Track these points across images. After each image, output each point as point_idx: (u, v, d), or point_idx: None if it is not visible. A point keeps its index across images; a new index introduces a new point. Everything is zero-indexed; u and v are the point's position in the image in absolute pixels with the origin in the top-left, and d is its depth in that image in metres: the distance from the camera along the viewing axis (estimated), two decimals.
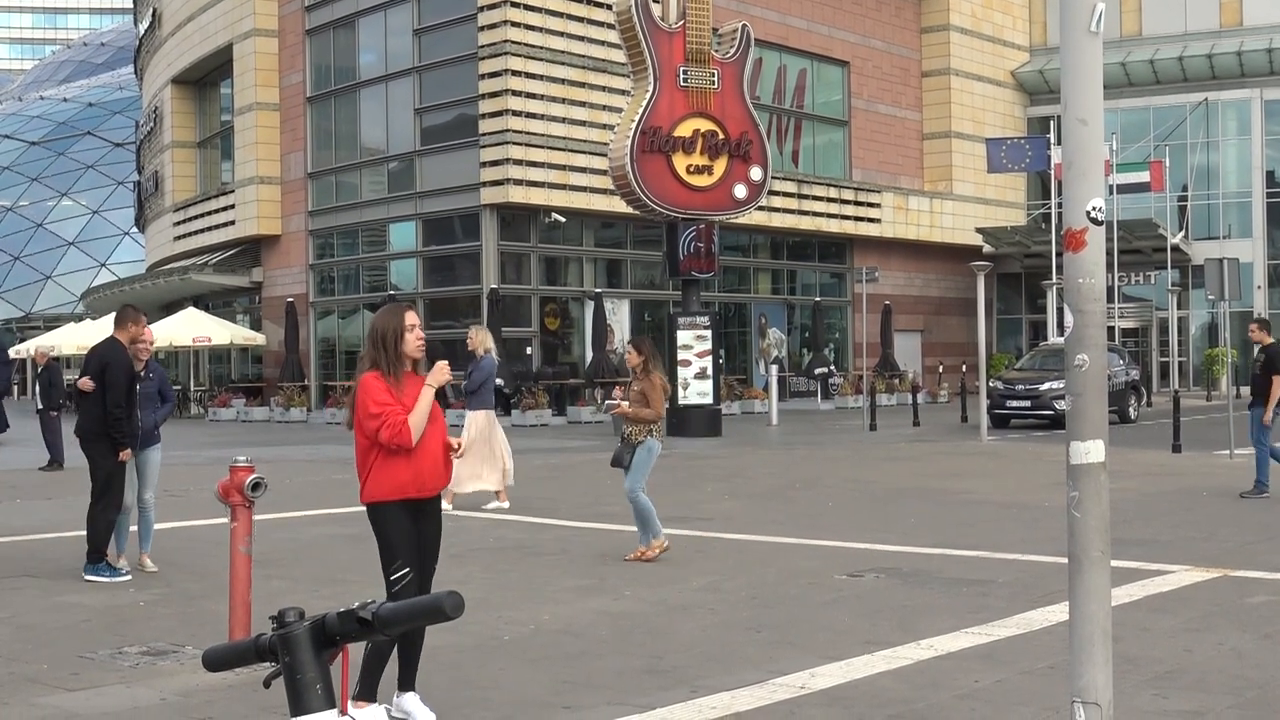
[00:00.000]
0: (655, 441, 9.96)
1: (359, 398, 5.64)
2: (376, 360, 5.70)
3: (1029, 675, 6.20)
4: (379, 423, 5.56)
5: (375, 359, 5.70)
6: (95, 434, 9.36)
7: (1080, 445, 3.77)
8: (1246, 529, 11.21)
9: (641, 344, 10.20)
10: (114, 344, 9.52)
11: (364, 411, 5.60)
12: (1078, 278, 3.75)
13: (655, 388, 9.85)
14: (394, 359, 5.70)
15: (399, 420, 5.57)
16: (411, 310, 5.91)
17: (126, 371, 9.36)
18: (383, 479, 5.66)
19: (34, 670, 6.57)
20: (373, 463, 5.67)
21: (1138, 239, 38.63)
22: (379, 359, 5.70)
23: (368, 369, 5.73)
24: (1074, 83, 3.74)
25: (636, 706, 5.74)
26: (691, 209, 24.93)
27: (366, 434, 5.62)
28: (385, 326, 5.73)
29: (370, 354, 5.74)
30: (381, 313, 5.90)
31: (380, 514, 5.70)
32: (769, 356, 35.95)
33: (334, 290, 35.42)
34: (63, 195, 66.03)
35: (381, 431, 5.56)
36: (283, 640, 2.15)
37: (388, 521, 5.67)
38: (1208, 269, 19.98)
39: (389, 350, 5.70)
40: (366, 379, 5.67)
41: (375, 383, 5.64)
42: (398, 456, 5.63)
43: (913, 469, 17.44)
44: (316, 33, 35.07)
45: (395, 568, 5.65)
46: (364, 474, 5.72)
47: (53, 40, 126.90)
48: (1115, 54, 43.08)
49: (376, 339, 5.72)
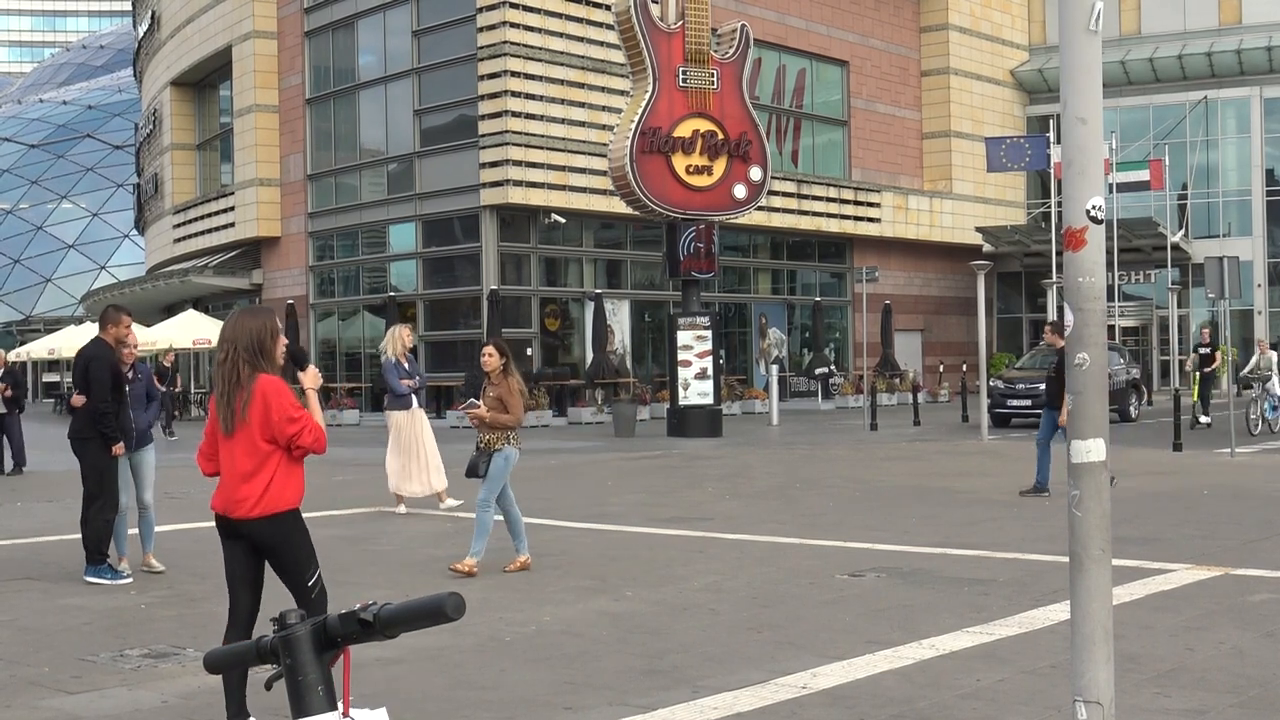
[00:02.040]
0: (513, 449, 9.47)
1: (274, 400, 5.31)
2: (257, 366, 5.38)
3: (1030, 674, 6.20)
4: (299, 426, 5.32)
5: (256, 364, 5.38)
6: (86, 434, 9.33)
7: (1081, 444, 3.77)
8: (1248, 527, 11.21)
9: (499, 345, 9.68)
10: (98, 342, 9.50)
11: (282, 415, 5.30)
12: (1078, 276, 3.75)
13: (513, 392, 9.39)
14: (274, 363, 5.45)
15: (317, 425, 5.39)
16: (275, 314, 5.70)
17: (111, 368, 9.29)
18: (292, 485, 5.43)
19: (35, 673, 6.57)
20: (275, 469, 5.38)
21: (1138, 238, 38.64)
22: (259, 364, 5.39)
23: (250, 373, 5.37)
24: (1073, 81, 3.74)
25: (638, 707, 5.74)
26: (691, 209, 24.93)
27: (280, 438, 5.33)
28: (260, 330, 5.42)
29: (249, 360, 5.37)
30: (246, 317, 5.53)
31: (294, 520, 5.46)
32: (769, 356, 35.95)
33: (334, 292, 35.42)
34: (62, 198, 66.05)
35: (303, 435, 5.32)
36: (284, 642, 2.15)
37: (291, 528, 5.44)
38: (1208, 267, 19.98)
39: (268, 355, 5.42)
40: (276, 382, 5.37)
41: (284, 386, 5.38)
42: (297, 463, 5.43)
43: (913, 468, 17.43)
44: (315, 34, 35.08)
45: (314, 573, 5.51)
46: (263, 482, 5.35)
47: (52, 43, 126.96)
48: (1114, 52, 43.08)
49: (253, 344, 5.38)
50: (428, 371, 31.63)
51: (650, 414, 29.57)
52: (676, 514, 12.76)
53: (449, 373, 30.70)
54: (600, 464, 18.94)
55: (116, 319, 9.55)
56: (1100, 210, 3.73)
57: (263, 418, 5.32)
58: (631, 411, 26.45)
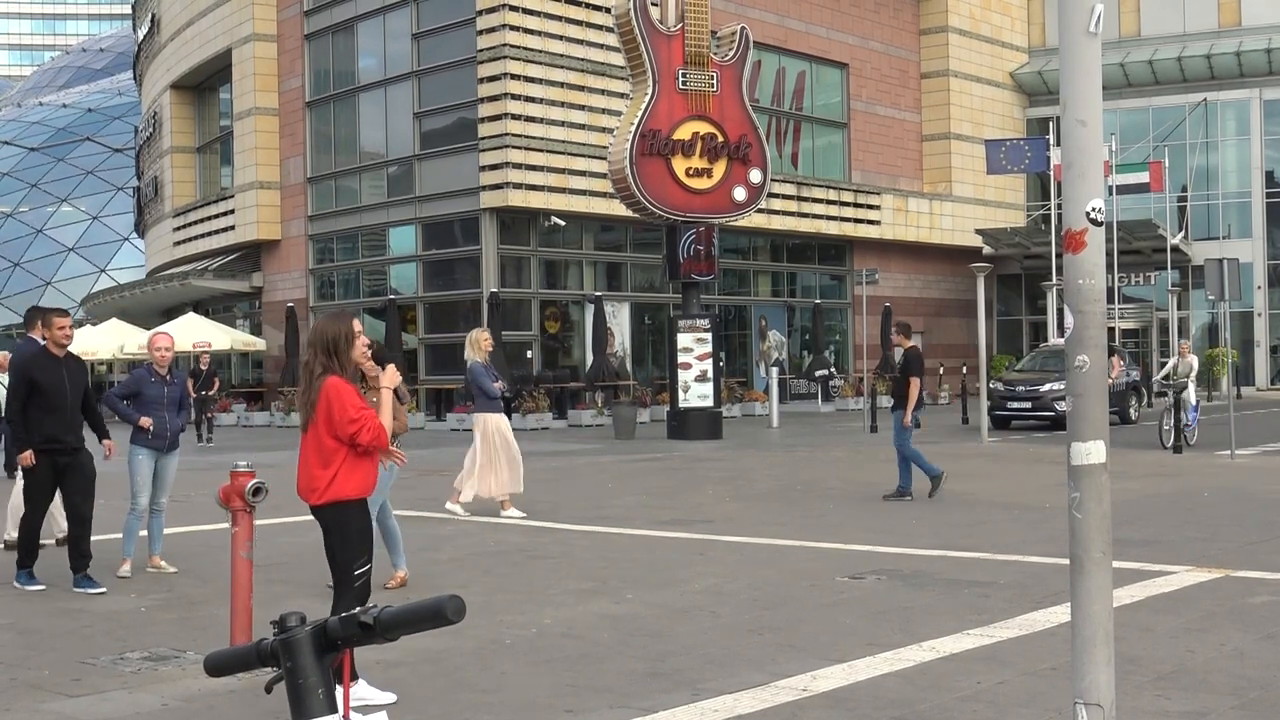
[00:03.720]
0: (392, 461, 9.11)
1: (335, 401, 5.77)
2: (330, 367, 5.84)
3: (1031, 676, 6.19)
4: (358, 426, 5.76)
5: (329, 366, 5.84)
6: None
7: (1081, 446, 3.76)
8: (1248, 529, 11.20)
9: (380, 352, 8.97)
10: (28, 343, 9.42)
11: (344, 415, 5.75)
12: (1078, 279, 3.75)
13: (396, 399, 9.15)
14: (347, 365, 5.88)
15: (378, 423, 5.83)
16: (356, 318, 6.11)
17: (23, 373, 9.00)
18: (351, 478, 5.87)
19: (36, 676, 6.57)
20: (340, 463, 5.83)
21: (1137, 240, 38.65)
22: (332, 366, 5.84)
23: (320, 374, 5.83)
24: (1073, 83, 3.74)
25: (639, 709, 5.73)
26: (691, 212, 24.93)
27: (343, 436, 5.78)
28: (336, 334, 5.87)
29: (323, 361, 5.85)
30: (327, 322, 5.99)
31: (345, 512, 5.90)
32: (769, 359, 35.96)
33: (334, 295, 35.41)
34: (62, 201, 66.04)
35: (362, 434, 5.77)
36: (284, 645, 2.15)
37: (351, 519, 5.91)
38: (1208, 269, 19.98)
39: (341, 356, 5.86)
40: (337, 383, 5.81)
41: (347, 387, 5.83)
42: (364, 457, 5.88)
43: (914, 470, 17.39)
44: (315, 37, 35.10)
45: (360, 563, 5.93)
46: (328, 475, 5.84)
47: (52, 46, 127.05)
48: (1114, 55, 43.11)
49: (328, 346, 5.85)
50: (426, 375, 31.68)
51: (650, 416, 29.57)
52: (677, 516, 12.76)
53: (449, 375, 30.71)
54: (600, 466, 18.94)
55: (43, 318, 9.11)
56: (1100, 212, 3.73)
57: (327, 416, 5.80)
58: (632, 414, 26.45)
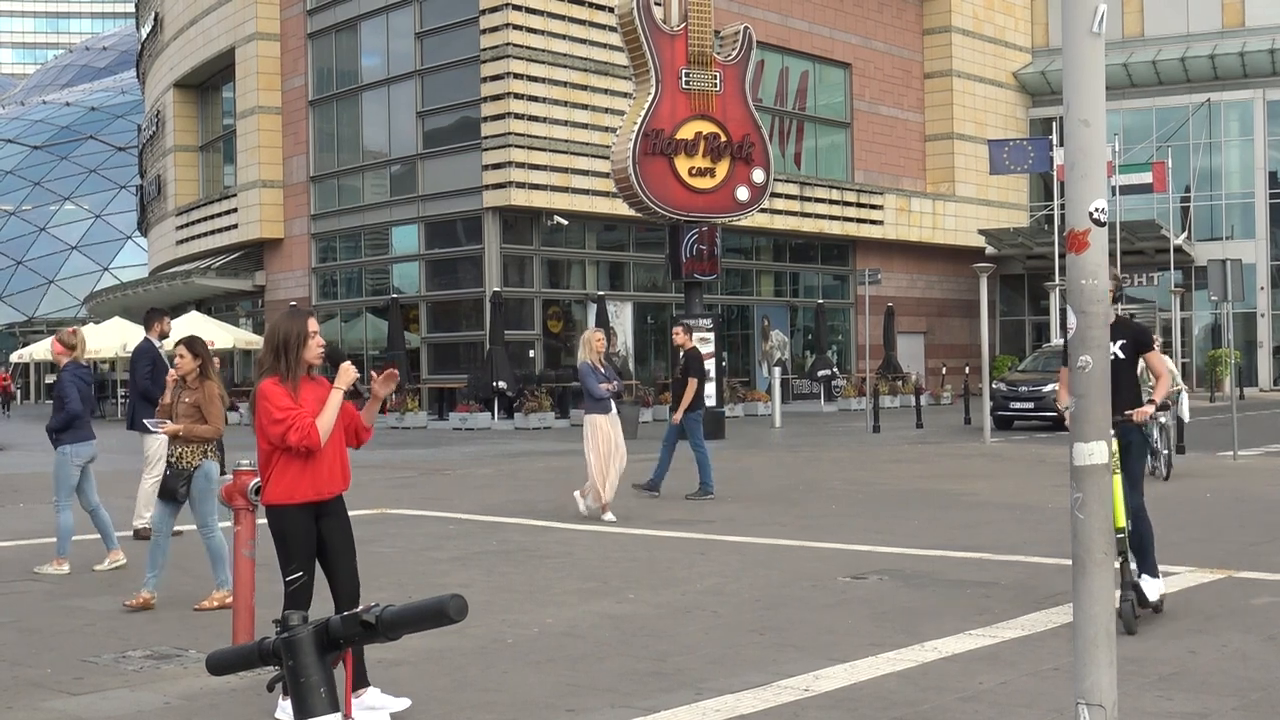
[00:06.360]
0: (212, 463, 8.42)
1: (260, 405, 5.70)
2: (275, 366, 5.76)
3: (1033, 677, 6.19)
4: (284, 427, 5.64)
5: (274, 365, 5.76)
6: None
7: (1084, 446, 3.76)
8: (1250, 530, 11.19)
9: (195, 345, 8.46)
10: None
11: (267, 418, 5.67)
12: (1080, 279, 3.74)
13: (212, 399, 8.31)
14: (294, 365, 5.76)
15: (307, 423, 5.66)
16: (313, 317, 6.00)
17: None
18: (284, 482, 5.74)
19: (38, 674, 6.57)
20: (274, 466, 5.76)
21: (1140, 240, 38.62)
22: (278, 365, 5.75)
23: (265, 375, 5.78)
24: (1076, 84, 3.73)
25: (640, 709, 5.73)
26: (694, 211, 24.93)
27: (271, 439, 5.69)
28: (288, 332, 5.77)
29: (269, 360, 5.79)
30: (282, 319, 5.91)
31: (279, 516, 5.78)
32: (772, 359, 35.96)
33: (337, 294, 35.44)
34: (65, 199, 66.11)
35: (289, 435, 5.63)
36: (286, 644, 2.15)
37: (286, 524, 5.77)
38: (1211, 270, 19.96)
39: (290, 356, 5.75)
40: (266, 386, 5.72)
41: (275, 389, 5.70)
42: (297, 460, 5.73)
43: (916, 471, 17.42)
44: (318, 36, 35.11)
45: (289, 570, 5.76)
46: (265, 478, 5.80)
47: (55, 45, 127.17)
48: (1118, 55, 43.08)
49: (278, 345, 5.76)
50: (429, 375, 31.68)
51: (653, 416, 29.57)
52: (678, 516, 12.76)
53: (451, 374, 30.71)
54: None
55: None
56: (1103, 213, 3.72)
57: (257, 419, 5.73)
58: (634, 413, 26.44)
